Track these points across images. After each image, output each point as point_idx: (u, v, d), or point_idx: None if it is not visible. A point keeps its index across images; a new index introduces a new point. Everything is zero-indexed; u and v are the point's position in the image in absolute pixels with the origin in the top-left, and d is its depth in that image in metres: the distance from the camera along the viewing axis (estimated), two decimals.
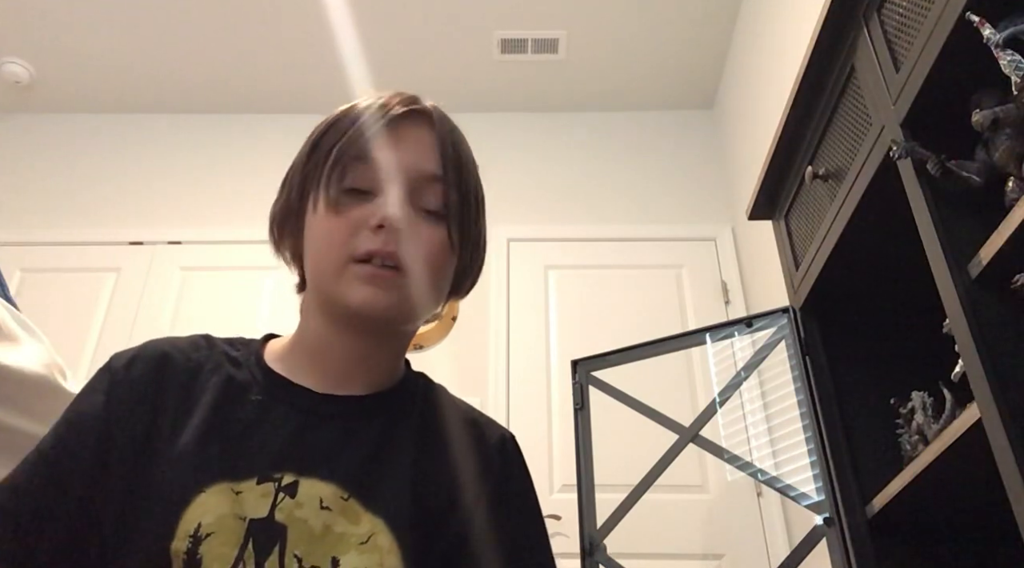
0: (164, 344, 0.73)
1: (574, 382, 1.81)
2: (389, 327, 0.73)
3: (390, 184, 0.71)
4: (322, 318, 0.73)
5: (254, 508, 0.63)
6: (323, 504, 0.65)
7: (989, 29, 0.87)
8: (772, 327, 1.59)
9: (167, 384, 0.69)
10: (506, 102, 3.44)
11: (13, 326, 0.90)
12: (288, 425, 0.69)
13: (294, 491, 0.65)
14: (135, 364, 0.70)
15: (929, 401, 1.20)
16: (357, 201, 0.70)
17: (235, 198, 3.23)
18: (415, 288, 0.70)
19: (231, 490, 0.63)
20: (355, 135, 0.72)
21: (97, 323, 2.96)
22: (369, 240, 0.69)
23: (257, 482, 0.64)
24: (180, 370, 0.71)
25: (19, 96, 3.41)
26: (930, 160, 1.00)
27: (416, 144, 0.73)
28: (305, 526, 0.63)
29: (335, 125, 0.75)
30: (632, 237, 3.11)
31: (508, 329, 2.90)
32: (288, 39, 3.18)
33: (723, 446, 1.90)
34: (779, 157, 1.52)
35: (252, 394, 0.71)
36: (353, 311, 0.69)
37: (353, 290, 0.69)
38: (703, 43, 3.16)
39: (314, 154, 0.75)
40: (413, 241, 0.70)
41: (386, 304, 0.69)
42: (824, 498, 1.37)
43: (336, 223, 0.70)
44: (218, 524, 0.61)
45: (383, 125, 0.73)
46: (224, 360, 0.73)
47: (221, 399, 0.69)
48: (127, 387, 0.69)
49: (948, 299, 0.97)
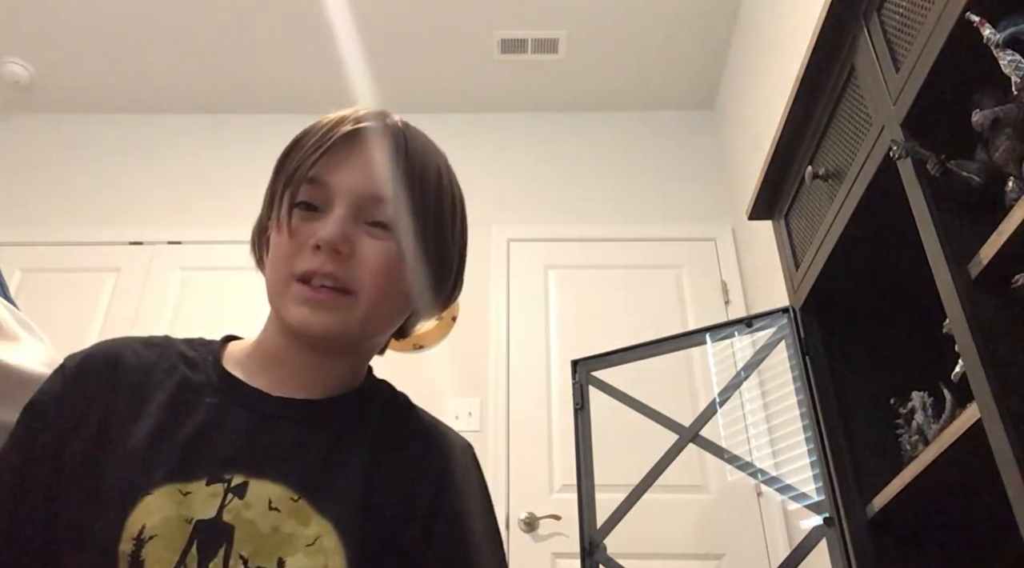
0: (117, 344, 0.74)
1: (574, 382, 1.81)
2: (335, 346, 0.73)
3: (338, 200, 0.71)
4: (280, 331, 0.74)
5: (202, 509, 0.63)
6: (272, 505, 0.65)
7: (989, 29, 0.87)
8: (772, 327, 1.59)
9: (119, 383, 0.70)
10: (506, 102, 3.44)
11: (14, 325, 0.90)
12: (240, 427, 0.69)
13: (243, 492, 0.65)
14: (87, 364, 0.71)
15: (929, 401, 1.20)
16: (306, 220, 0.71)
17: (235, 198, 3.23)
18: (360, 307, 0.70)
19: (179, 492, 0.64)
20: (308, 153, 0.73)
21: (97, 323, 2.97)
22: (308, 260, 0.69)
23: (207, 483, 0.65)
24: (133, 370, 0.71)
25: (19, 96, 3.41)
26: (930, 160, 1.00)
27: (364, 162, 0.73)
28: (252, 527, 0.64)
29: (298, 143, 0.76)
30: (632, 237, 3.11)
31: (508, 329, 2.90)
32: (288, 39, 3.18)
33: (723, 446, 1.90)
34: (779, 157, 1.52)
35: (206, 396, 0.71)
36: (293, 329, 0.70)
37: (292, 309, 0.69)
38: (703, 43, 3.16)
39: (278, 172, 0.76)
40: (356, 260, 0.70)
41: (324, 326, 0.69)
42: (824, 498, 1.37)
43: (283, 241, 0.71)
44: (162, 526, 0.62)
45: (332, 142, 0.73)
46: (179, 361, 0.74)
47: (174, 400, 0.70)
48: (79, 388, 0.69)
49: (948, 299, 0.97)
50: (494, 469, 2.58)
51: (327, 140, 0.73)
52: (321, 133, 0.75)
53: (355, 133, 0.74)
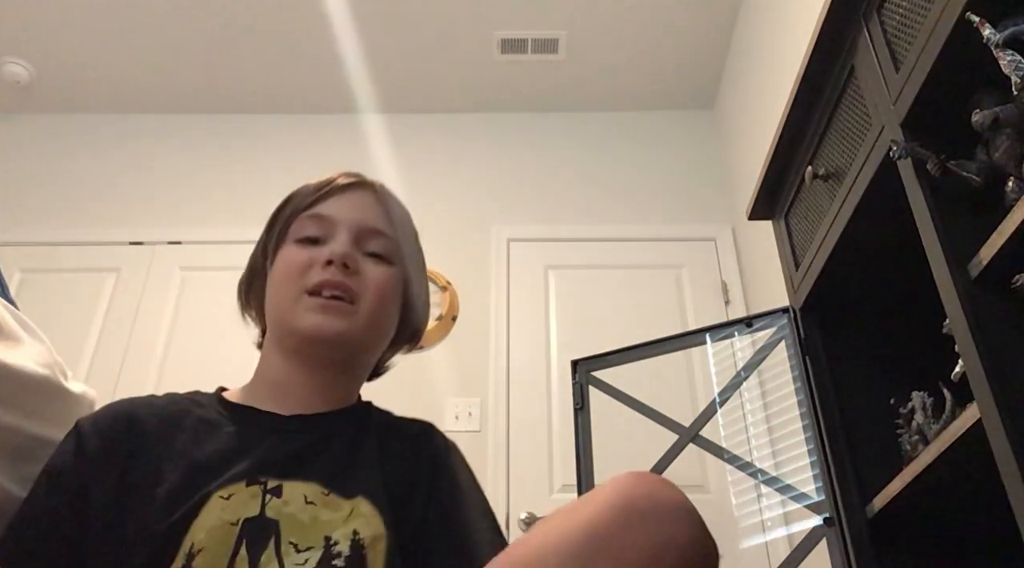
0: (126, 402, 0.79)
1: (574, 382, 1.81)
2: (339, 354, 0.82)
3: (339, 230, 0.83)
4: (281, 355, 0.82)
5: (245, 508, 0.68)
6: (307, 500, 0.70)
7: (989, 29, 0.87)
8: (772, 327, 1.59)
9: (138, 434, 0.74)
10: (506, 102, 3.44)
11: (14, 326, 0.90)
12: (265, 442, 0.75)
13: (279, 492, 0.70)
14: (100, 420, 0.76)
15: (929, 401, 1.20)
16: (309, 247, 0.83)
17: (235, 198, 3.23)
18: (362, 316, 0.81)
19: (221, 498, 0.68)
20: (304, 199, 0.86)
21: (97, 323, 2.96)
22: (319, 274, 0.80)
23: (246, 484, 0.70)
24: (149, 418, 0.76)
25: (19, 96, 3.41)
26: (930, 160, 1.00)
27: (360, 203, 0.87)
28: (295, 519, 0.69)
29: (292, 198, 0.89)
30: (632, 237, 3.11)
31: (508, 329, 2.90)
32: (288, 39, 3.18)
33: (723, 446, 1.90)
34: (779, 157, 1.52)
35: (224, 428, 0.77)
36: (306, 337, 0.79)
37: (305, 318, 0.78)
38: (703, 43, 3.16)
39: (275, 222, 0.88)
40: (360, 275, 0.82)
41: (335, 330, 0.78)
42: (824, 498, 1.37)
43: (292, 264, 0.82)
44: (208, 537, 0.65)
45: (329, 190, 0.87)
46: (189, 405, 0.79)
47: (197, 437, 0.75)
48: (95, 440, 0.73)
49: (948, 299, 0.97)
50: (494, 469, 2.58)
51: (326, 185, 0.87)
52: (316, 184, 0.88)
53: (347, 184, 0.88)
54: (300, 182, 0.92)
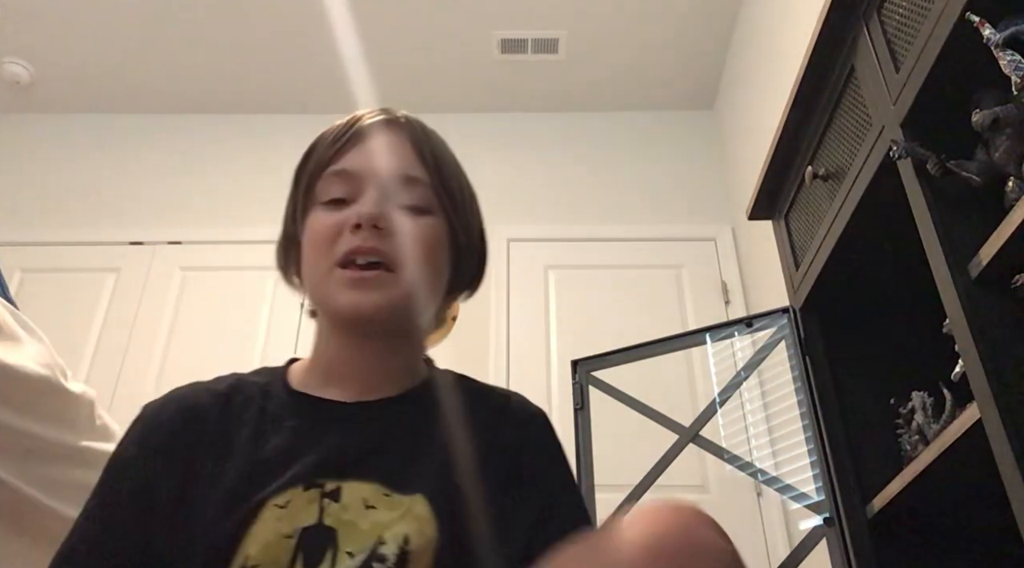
0: (191, 391, 0.74)
1: (574, 382, 1.81)
2: (388, 327, 0.73)
3: (367, 186, 0.73)
4: (330, 334, 0.75)
5: (303, 516, 0.64)
6: (367, 504, 0.65)
7: (989, 29, 0.87)
8: (772, 327, 1.59)
9: (200, 426, 0.70)
10: (506, 102, 3.44)
11: (14, 326, 0.90)
12: (325, 439, 0.69)
13: (338, 496, 0.65)
14: (165, 410, 0.71)
15: (929, 401, 1.20)
16: (336, 209, 0.73)
17: (235, 198, 3.23)
18: (405, 281, 0.71)
19: (277, 507, 0.64)
20: (327, 151, 0.75)
21: (97, 323, 2.96)
22: (349, 240, 0.70)
23: (304, 489, 0.65)
24: (211, 411, 0.71)
25: (19, 96, 3.41)
26: (930, 160, 1.00)
27: (387, 149, 0.76)
28: (354, 527, 0.64)
29: (312, 149, 0.78)
30: (632, 237, 3.11)
31: (508, 329, 2.90)
32: (288, 39, 3.18)
33: (723, 446, 1.90)
34: (779, 157, 1.52)
35: (286, 420, 0.71)
36: (344, 316, 0.71)
37: (339, 296, 0.70)
38: (703, 43, 3.16)
39: (299, 182, 0.78)
40: (396, 235, 0.71)
41: (374, 304, 0.69)
42: (824, 498, 1.37)
43: (319, 233, 0.72)
44: (261, 554, 0.62)
45: (351, 136, 0.76)
46: (254, 393, 0.74)
47: (257, 432, 0.70)
48: (160, 433, 0.69)
49: (948, 299, 0.97)
50: None
51: (345, 135, 0.76)
52: (337, 131, 0.77)
53: (372, 125, 0.77)
54: None
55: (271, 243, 0.82)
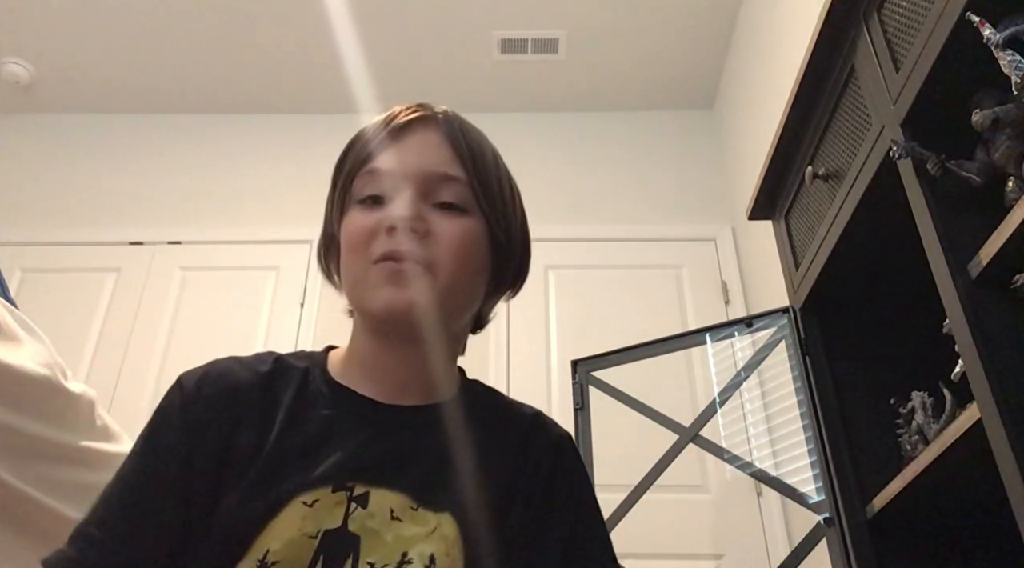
0: (233, 363, 0.73)
1: (574, 382, 1.81)
2: (422, 329, 0.71)
3: (402, 186, 0.72)
4: (365, 335, 0.74)
5: (328, 518, 0.63)
6: (393, 515, 0.65)
7: (989, 29, 0.87)
8: (772, 327, 1.59)
9: (242, 405, 0.69)
10: (506, 102, 3.44)
11: (14, 326, 0.90)
12: (358, 436, 0.69)
13: (365, 502, 0.65)
14: (206, 384, 0.70)
15: (929, 401, 1.20)
16: (371, 210, 0.72)
17: (235, 198, 3.23)
18: (441, 283, 0.70)
19: (304, 504, 0.63)
20: (363, 149, 0.75)
21: (97, 323, 2.96)
22: (384, 243, 0.69)
23: (332, 490, 0.65)
24: (251, 388, 0.71)
25: (19, 96, 3.41)
26: (930, 160, 1.00)
27: (423, 146, 0.74)
28: (377, 537, 0.64)
29: (350, 148, 0.77)
30: (632, 237, 3.11)
31: (508, 329, 2.90)
32: (288, 39, 3.18)
33: (723, 446, 1.91)
34: (779, 157, 1.52)
35: (321, 408, 0.71)
36: (379, 315, 0.70)
37: (375, 294, 0.69)
38: (703, 43, 3.16)
39: (336, 179, 0.77)
40: (432, 237, 0.70)
41: (407, 302, 0.68)
42: (824, 498, 1.37)
43: (355, 234, 0.72)
44: (285, 551, 0.61)
45: (387, 134, 0.75)
46: (293, 374, 0.73)
47: (292, 416, 0.69)
48: (202, 406, 0.68)
49: (948, 299, 0.97)
50: None
51: (381, 132, 0.75)
52: (374, 129, 0.76)
53: (409, 122, 0.75)
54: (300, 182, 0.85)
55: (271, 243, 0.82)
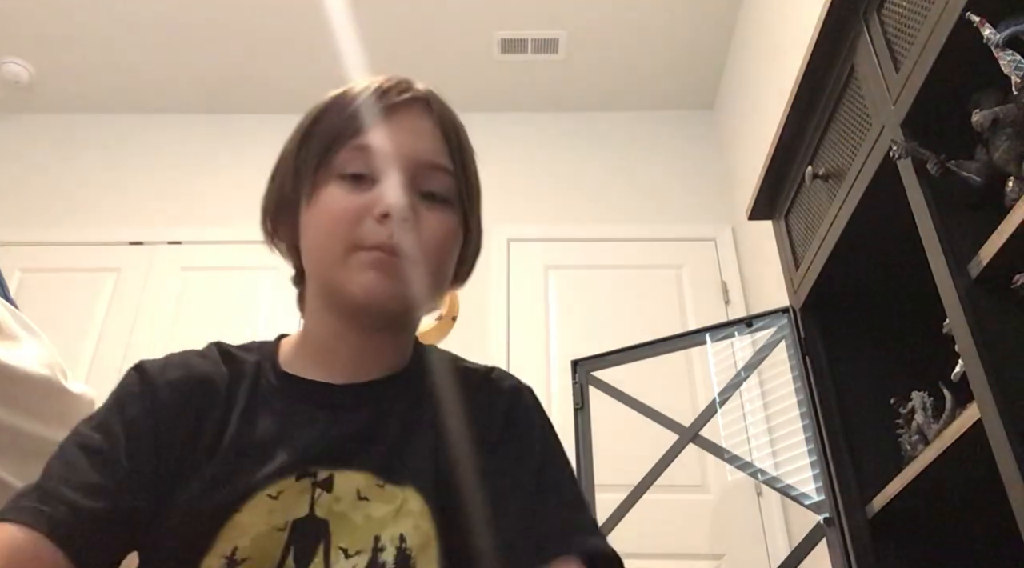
0: (194, 356, 0.72)
1: (574, 382, 1.81)
2: (394, 318, 0.71)
3: (391, 170, 0.69)
4: (327, 314, 0.71)
5: (294, 508, 0.62)
6: (360, 495, 0.64)
7: (989, 29, 0.87)
8: (772, 327, 1.59)
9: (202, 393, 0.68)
10: (506, 102, 3.44)
11: (14, 326, 0.90)
12: (315, 424, 0.67)
13: (330, 486, 0.64)
14: (170, 369, 0.69)
15: (929, 401, 1.20)
16: (357, 188, 0.69)
17: (235, 198, 3.23)
18: (420, 277, 0.68)
19: (268, 497, 0.62)
20: (351, 120, 0.71)
21: (97, 323, 2.96)
22: (375, 231, 0.66)
23: (296, 479, 0.63)
24: (212, 381, 0.69)
25: (19, 96, 3.40)
26: (930, 160, 1.00)
27: (416, 130, 0.72)
28: (346, 519, 0.63)
29: (328, 111, 0.73)
30: (632, 237, 3.11)
31: (508, 329, 2.90)
32: (288, 39, 3.18)
33: (723, 446, 1.91)
34: (779, 157, 1.52)
35: (275, 401, 0.69)
36: (358, 301, 0.67)
37: (357, 278, 0.66)
38: (703, 43, 3.16)
39: (308, 142, 0.72)
40: (418, 229, 0.68)
41: (388, 293, 0.67)
42: (824, 498, 1.37)
43: (338, 213, 0.68)
44: (253, 547, 0.60)
45: (380, 110, 0.71)
46: (245, 369, 0.71)
47: (248, 411, 0.68)
48: (167, 391, 0.67)
49: (948, 299, 0.97)
50: None
51: (373, 108, 0.71)
52: (364, 99, 0.72)
53: (403, 102, 0.72)
54: None
55: None
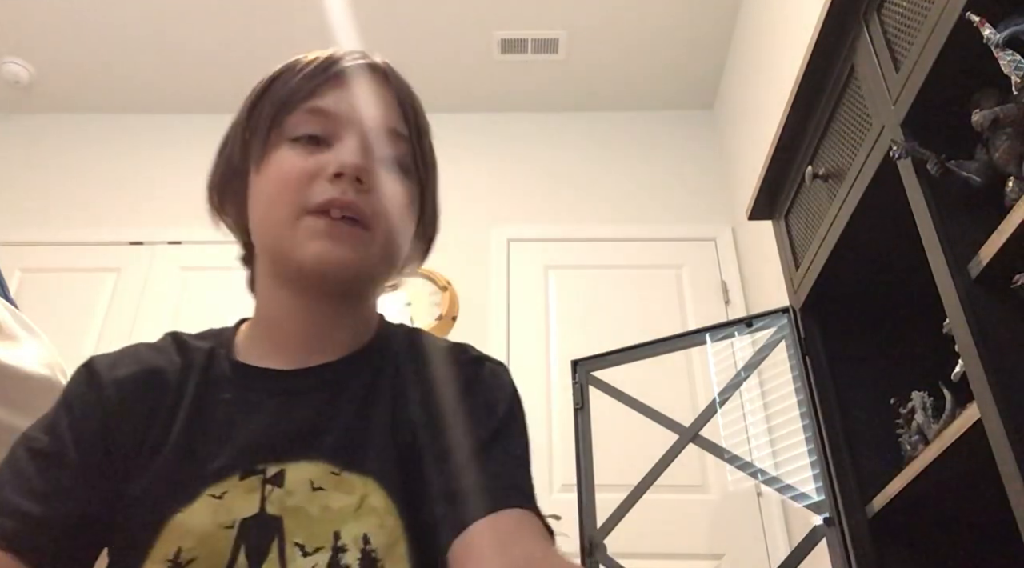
0: (146, 349, 0.69)
1: (574, 382, 1.81)
2: (347, 288, 0.68)
3: (348, 131, 0.66)
4: (276, 287, 0.68)
5: (242, 507, 0.59)
6: (314, 486, 0.60)
7: (989, 29, 0.87)
8: (772, 327, 1.59)
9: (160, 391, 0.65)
10: (506, 102, 3.44)
11: (14, 326, 0.90)
12: (264, 414, 0.64)
13: (281, 480, 0.60)
14: (120, 366, 0.66)
15: (929, 401, 1.20)
16: (310, 151, 0.66)
17: None
18: (376, 243, 0.65)
19: (212, 497, 0.59)
20: (305, 82, 0.68)
21: (97, 323, 2.96)
22: (326, 189, 0.63)
23: (240, 477, 0.60)
24: (164, 374, 0.66)
25: (19, 96, 3.41)
26: (930, 160, 1.00)
27: (373, 96, 0.69)
28: (301, 513, 0.59)
29: (279, 78, 0.71)
30: (632, 237, 3.11)
31: (508, 329, 2.90)
32: (287, 39, 3.18)
33: (723, 446, 1.90)
34: (779, 157, 1.52)
35: (224, 392, 0.65)
36: (307, 269, 0.64)
37: (306, 244, 0.63)
38: (703, 43, 3.16)
39: (257, 108, 0.70)
40: (376, 192, 0.65)
41: (342, 259, 0.63)
42: (824, 498, 1.37)
43: (289, 174, 0.65)
44: (200, 547, 0.57)
45: (336, 73, 0.69)
46: (196, 359, 0.68)
47: (198, 403, 0.65)
48: (113, 389, 0.64)
49: (948, 299, 0.97)
50: None
51: (327, 68, 0.69)
52: (313, 64, 0.70)
53: (359, 67, 0.70)
54: None
55: None
